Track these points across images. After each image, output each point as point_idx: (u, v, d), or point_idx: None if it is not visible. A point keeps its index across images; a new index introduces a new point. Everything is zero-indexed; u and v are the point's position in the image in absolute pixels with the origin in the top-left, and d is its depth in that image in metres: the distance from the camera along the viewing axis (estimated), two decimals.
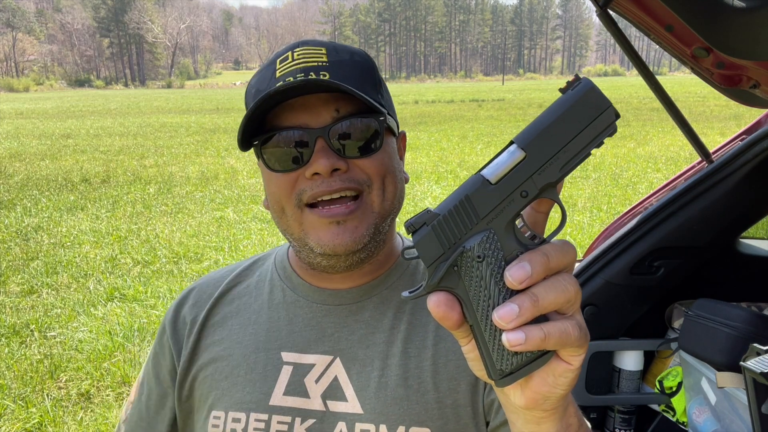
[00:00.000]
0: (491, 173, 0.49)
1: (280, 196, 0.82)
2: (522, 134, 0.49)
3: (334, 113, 0.79)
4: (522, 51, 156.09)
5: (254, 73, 0.87)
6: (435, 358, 0.84)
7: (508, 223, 0.49)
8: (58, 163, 12.19)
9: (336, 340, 0.87)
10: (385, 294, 0.89)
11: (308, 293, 0.90)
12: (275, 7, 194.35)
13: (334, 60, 0.81)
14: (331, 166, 0.77)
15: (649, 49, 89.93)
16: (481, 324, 0.49)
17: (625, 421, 2.05)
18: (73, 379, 3.60)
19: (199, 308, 0.95)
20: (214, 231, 6.89)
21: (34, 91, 71.43)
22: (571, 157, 0.48)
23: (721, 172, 1.78)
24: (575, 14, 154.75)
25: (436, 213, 0.49)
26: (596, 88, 0.48)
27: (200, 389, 0.90)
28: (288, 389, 0.85)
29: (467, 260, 0.49)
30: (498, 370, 0.50)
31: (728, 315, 1.72)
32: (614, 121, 0.48)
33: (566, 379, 0.50)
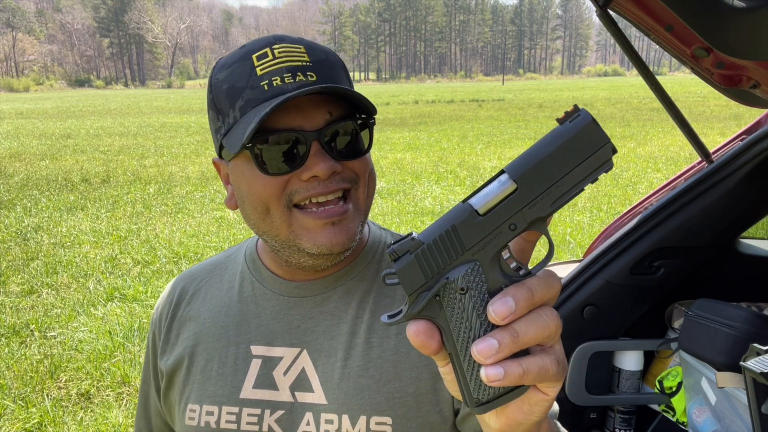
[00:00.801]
0: (480, 203, 0.47)
1: (268, 198, 0.80)
2: (514, 164, 0.47)
3: (327, 116, 0.79)
4: (522, 51, 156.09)
5: (216, 66, 0.84)
6: (397, 348, 0.86)
7: (494, 255, 0.48)
8: (58, 163, 12.19)
9: (302, 332, 0.88)
10: (349, 285, 0.90)
11: (275, 286, 0.92)
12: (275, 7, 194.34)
13: (315, 60, 0.80)
14: (330, 170, 0.77)
15: (649, 49, 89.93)
16: (460, 354, 0.49)
17: (625, 421, 2.05)
18: (73, 379, 3.60)
19: (177, 304, 0.98)
20: (214, 231, 6.89)
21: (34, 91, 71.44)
22: (563, 193, 0.47)
23: (721, 172, 1.78)
24: (575, 14, 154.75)
25: (420, 241, 0.48)
26: (595, 122, 0.46)
27: (178, 383, 0.93)
28: (257, 382, 0.87)
29: (450, 292, 0.48)
30: (474, 399, 0.50)
31: (728, 315, 1.72)
32: (611, 157, 0.47)
33: (541, 408, 0.51)
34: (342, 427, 0.83)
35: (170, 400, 0.95)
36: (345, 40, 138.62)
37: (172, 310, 0.97)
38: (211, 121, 0.85)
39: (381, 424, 0.83)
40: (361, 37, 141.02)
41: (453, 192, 8.60)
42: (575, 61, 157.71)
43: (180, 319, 0.96)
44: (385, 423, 0.83)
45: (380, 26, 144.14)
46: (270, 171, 0.79)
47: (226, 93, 0.80)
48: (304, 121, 0.78)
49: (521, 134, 15.58)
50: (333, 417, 0.84)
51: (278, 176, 0.79)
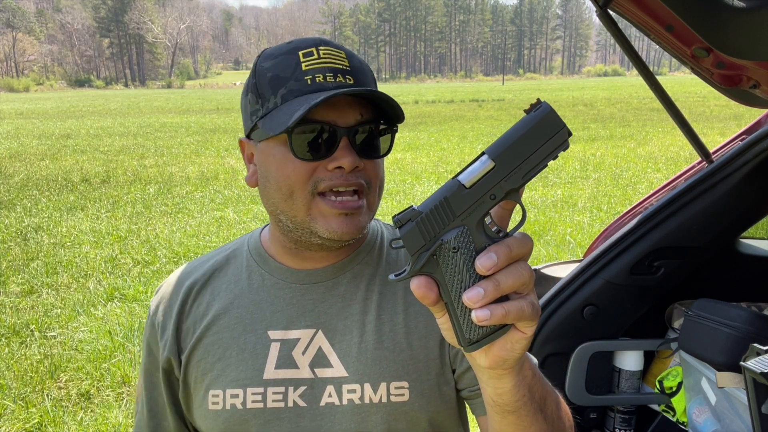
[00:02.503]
0: (466, 179, 0.58)
1: (295, 181, 0.88)
2: (492, 147, 0.58)
3: (359, 116, 0.88)
4: (522, 51, 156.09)
5: (263, 55, 0.92)
6: (406, 321, 0.96)
7: (479, 220, 0.59)
8: (58, 163, 12.19)
9: (316, 315, 0.96)
10: (357, 269, 0.99)
11: (286, 275, 0.99)
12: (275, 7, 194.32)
13: (353, 65, 0.90)
14: (354, 163, 0.87)
15: (649, 49, 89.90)
16: (454, 302, 0.60)
17: (625, 421, 2.05)
18: (73, 379, 3.60)
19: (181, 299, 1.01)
20: (214, 231, 6.89)
21: (34, 91, 71.44)
22: (531, 168, 0.58)
23: (721, 172, 1.78)
24: (575, 14, 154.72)
25: (419, 211, 0.59)
26: (554, 112, 0.57)
27: (194, 373, 0.98)
28: (278, 363, 0.94)
29: (445, 251, 0.59)
30: (467, 339, 0.61)
31: (728, 315, 1.72)
32: (567, 139, 0.58)
33: (521, 345, 0.62)
34: (365, 394, 0.93)
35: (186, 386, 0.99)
36: (345, 40, 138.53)
37: (179, 306, 1.01)
38: (248, 103, 0.93)
39: (399, 388, 0.94)
40: (361, 37, 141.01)
41: None
42: (575, 61, 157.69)
43: (189, 316, 1.00)
44: (403, 387, 0.94)
45: (380, 26, 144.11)
46: (302, 156, 0.87)
47: (269, 80, 0.88)
48: (338, 118, 0.87)
49: None
50: (355, 386, 0.93)
51: (308, 162, 0.87)
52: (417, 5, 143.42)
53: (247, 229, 6.92)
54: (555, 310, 1.91)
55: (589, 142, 13.57)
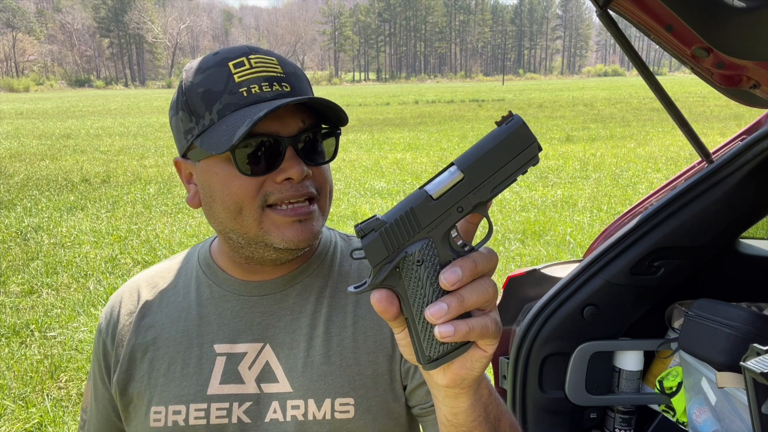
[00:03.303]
0: (433, 189, 0.56)
1: (242, 198, 0.85)
2: (462, 158, 0.57)
3: (301, 124, 0.86)
4: (522, 51, 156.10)
5: (189, 69, 0.89)
6: (355, 336, 0.94)
7: (444, 233, 0.57)
8: (58, 163, 12.19)
9: (264, 328, 0.94)
10: (306, 281, 0.97)
11: (235, 287, 0.96)
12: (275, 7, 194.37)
13: (287, 72, 0.87)
14: (304, 173, 0.85)
15: (649, 49, 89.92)
16: (415, 317, 0.58)
17: (625, 421, 2.05)
18: (73, 379, 3.60)
19: (129, 311, 0.99)
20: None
21: (34, 91, 71.44)
22: (500, 181, 0.56)
23: (721, 172, 1.78)
24: (575, 14, 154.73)
25: (383, 221, 0.57)
26: (525, 125, 0.56)
27: (137, 386, 0.95)
28: (223, 378, 0.92)
29: (408, 263, 0.57)
30: (427, 357, 0.59)
31: (728, 315, 1.72)
32: (537, 154, 0.56)
33: (481, 364, 0.60)
34: (308, 411, 0.91)
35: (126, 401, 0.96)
36: (345, 40, 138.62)
37: (124, 320, 0.98)
38: (179, 121, 0.89)
39: (344, 405, 0.91)
40: (361, 38, 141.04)
41: None
42: (575, 61, 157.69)
43: (134, 327, 0.97)
44: (348, 403, 0.91)
45: (380, 26, 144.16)
46: (248, 172, 0.84)
47: (201, 96, 0.85)
48: (281, 128, 0.84)
49: None
50: (299, 402, 0.91)
51: (255, 177, 0.85)
52: (417, 5, 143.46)
53: None
54: (555, 310, 1.91)
55: (589, 142, 13.57)
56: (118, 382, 0.96)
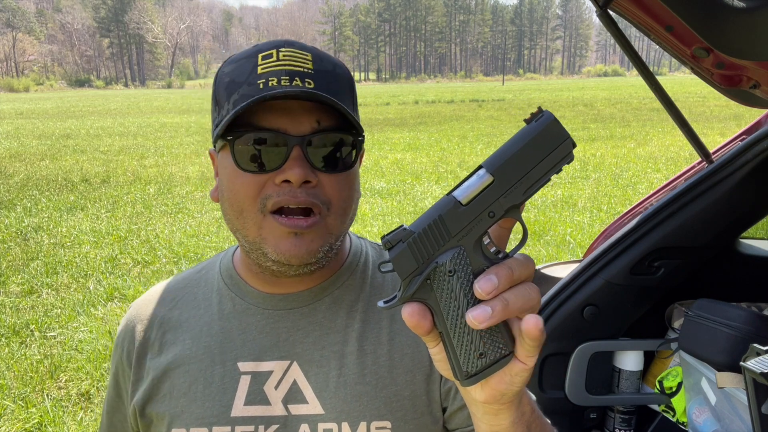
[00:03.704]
0: (462, 195, 0.54)
1: (243, 197, 0.80)
2: (490, 160, 0.54)
3: (315, 124, 0.78)
4: (522, 51, 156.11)
5: (227, 60, 0.85)
6: (391, 353, 0.87)
7: (476, 240, 0.54)
8: (58, 163, 12.19)
9: (291, 345, 0.87)
10: (336, 294, 0.90)
11: (259, 300, 0.89)
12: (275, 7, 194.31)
13: (319, 69, 0.80)
14: (304, 177, 0.77)
15: (649, 49, 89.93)
16: (450, 331, 0.55)
17: (625, 421, 2.05)
18: (73, 379, 3.60)
19: (147, 325, 0.93)
20: (214, 231, 6.89)
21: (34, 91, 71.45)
22: (533, 182, 0.53)
23: (721, 172, 1.78)
24: (575, 14, 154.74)
25: (411, 231, 0.54)
26: (557, 121, 0.53)
27: (157, 407, 0.89)
28: (248, 399, 0.85)
29: (439, 274, 0.54)
30: (464, 372, 0.56)
31: (728, 315, 1.72)
32: (571, 150, 0.53)
33: (521, 378, 0.57)
34: None
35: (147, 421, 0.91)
36: (345, 40, 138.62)
37: (141, 336, 0.92)
38: (212, 112, 0.87)
39: (381, 429, 0.84)
40: (361, 38, 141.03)
41: None
42: (575, 61, 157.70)
43: (153, 345, 0.91)
44: (385, 427, 0.84)
45: (380, 26, 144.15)
46: (244, 167, 0.79)
47: (226, 86, 0.81)
48: (290, 125, 0.78)
49: None
50: (332, 426, 0.84)
51: (254, 175, 0.78)
52: (417, 5, 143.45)
53: None
54: (555, 310, 1.92)
55: (589, 142, 13.56)
56: (137, 403, 0.90)
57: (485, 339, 0.55)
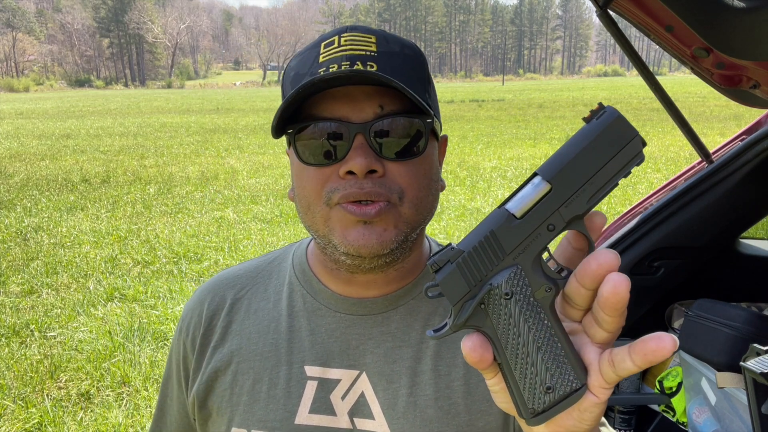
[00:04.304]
0: (516, 207, 0.48)
1: (310, 192, 0.75)
2: (546, 166, 0.48)
3: (378, 109, 0.73)
4: (522, 51, 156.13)
5: (295, 55, 0.81)
6: (467, 378, 0.80)
7: (535, 257, 0.48)
8: (58, 163, 12.19)
9: (361, 354, 0.81)
10: (412, 304, 0.83)
11: (330, 301, 0.84)
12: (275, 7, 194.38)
13: (383, 50, 0.74)
14: (368, 167, 0.71)
15: (649, 49, 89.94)
16: (511, 363, 0.49)
17: (625, 421, 2.05)
18: (73, 379, 3.60)
19: (214, 313, 0.89)
20: (214, 231, 6.89)
21: (34, 91, 71.46)
22: (598, 188, 0.47)
23: (721, 172, 1.78)
24: (575, 14, 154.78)
25: (460, 250, 0.48)
26: (622, 117, 0.47)
27: (218, 400, 0.85)
28: (313, 407, 0.80)
29: (495, 298, 0.48)
30: (530, 410, 0.50)
31: (728, 315, 1.72)
32: (641, 150, 0.47)
33: (592, 414, 0.50)
34: None
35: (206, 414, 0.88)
36: None
37: (207, 322, 0.88)
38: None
39: None
40: None
41: (453, 192, 8.60)
42: (575, 61, 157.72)
43: (218, 333, 0.87)
44: None
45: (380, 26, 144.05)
46: (309, 161, 0.74)
47: (291, 80, 0.77)
48: (351, 112, 0.73)
49: (521, 134, 15.59)
50: None
51: (318, 168, 0.74)
52: (417, 5, 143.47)
53: (246, 229, 6.93)
54: None
55: None
56: (198, 393, 0.86)
57: (552, 370, 0.48)
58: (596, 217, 0.48)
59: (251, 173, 10.56)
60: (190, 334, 0.89)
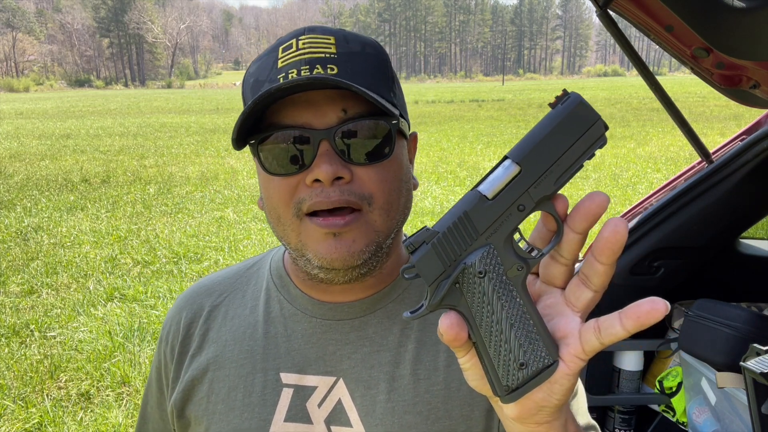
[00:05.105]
0: (488, 189, 0.49)
1: (277, 202, 0.73)
2: (515, 149, 0.49)
3: (341, 113, 0.71)
4: (522, 51, 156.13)
5: (254, 60, 0.79)
6: (447, 382, 0.78)
7: (506, 237, 0.50)
8: (58, 163, 12.19)
9: (338, 360, 0.80)
10: (390, 308, 0.82)
11: (307, 306, 0.82)
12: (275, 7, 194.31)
13: (343, 51, 0.72)
14: (334, 174, 0.69)
15: (649, 49, 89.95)
16: (485, 340, 0.50)
17: (625, 421, 2.05)
18: (73, 379, 3.60)
19: (191, 321, 0.88)
20: (214, 231, 6.89)
21: (34, 91, 71.46)
22: (564, 170, 0.49)
23: (721, 172, 1.78)
24: (575, 14, 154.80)
25: (435, 231, 0.49)
26: (585, 102, 0.49)
27: (195, 409, 0.84)
28: (289, 415, 0.78)
29: (469, 276, 0.49)
30: (504, 386, 0.51)
31: (728, 315, 1.72)
32: (603, 133, 0.49)
33: (562, 387, 0.50)
34: None
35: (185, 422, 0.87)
36: None
37: (185, 331, 0.87)
38: None
39: None
40: None
41: (453, 192, 8.60)
42: (575, 61, 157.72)
43: (196, 341, 0.86)
44: None
45: (380, 26, 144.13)
46: (274, 171, 0.72)
47: (251, 87, 0.75)
48: (314, 118, 0.70)
49: (521, 134, 15.59)
50: None
51: (284, 178, 0.72)
52: (417, 5, 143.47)
53: (246, 229, 6.93)
54: None
55: None
56: (175, 403, 0.85)
57: (525, 347, 0.50)
58: (560, 201, 0.50)
59: (251, 173, 10.56)
60: (169, 343, 0.88)
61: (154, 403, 0.94)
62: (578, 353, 0.50)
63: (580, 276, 0.50)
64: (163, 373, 0.90)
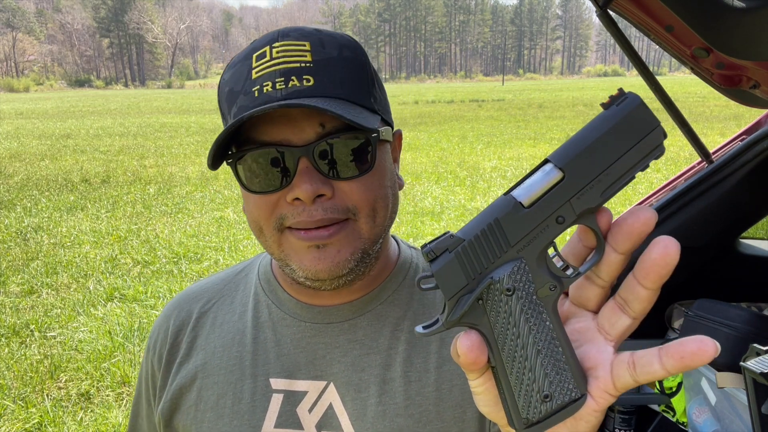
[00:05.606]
0: (524, 195, 0.43)
1: (258, 217, 0.72)
2: (559, 152, 0.43)
3: (319, 128, 0.68)
4: (522, 51, 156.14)
5: (227, 65, 0.76)
6: (438, 384, 0.77)
7: (540, 251, 0.44)
8: (58, 163, 12.19)
9: (328, 363, 0.79)
10: (379, 310, 0.81)
11: (296, 310, 0.81)
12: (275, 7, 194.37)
13: (319, 59, 0.69)
14: (315, 192, 0.67)
15: (649, 49, 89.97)
16: (507, 366, 0.44)
17: (625, 421, 2.05)
18: (73, 379, 3.60)
19: (179, 328, 0.86)
20: (214, 231, 6.89)
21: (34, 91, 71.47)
22: (614, 180, 0.42)
23: (721, 172, 1.78)
24: (575, 14, 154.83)
25: (460, 238, 0.43)
26: (644, 105, 0.42)
27: (183, 418, 0.83)
28: (279, 421, 0.77)
29: (494, 293, 0.43)
30: (523, 419, 0.45)
31: (728, 315, 1.72)
32: (662, 141, 0.43)
33: (588, 424, 0.45)
34: None
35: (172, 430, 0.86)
36: None
37: (173, 339, 0.86)
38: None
39: None
40: (361, 37, 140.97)
41: (453, 192, 8.60)
42: (575, 61, 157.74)
43: (184, 348, 0.85)
44: None
45: (380, 26, 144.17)
46: (252, 188, 0.71)
47: (226, 96, 0.73)
48: (292, 134, 0.68)
49: (521, 134, 15.59)
50: None
51: (265, 195, 0.71)
52: (417, 5, 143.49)
53: (246, 229, 6.92)
54: None
55: None
56: (162, 412, 0.84)
57: (552, 377, 0.44)
58: (603, 215, 0.44)
59: None
60: (157, 352, 0.87)
61: (144, 415, 0.92)
62: (608, 389, 0.44)
63: (616, 300, 0.44)
64: (150, 383, 0.88)
